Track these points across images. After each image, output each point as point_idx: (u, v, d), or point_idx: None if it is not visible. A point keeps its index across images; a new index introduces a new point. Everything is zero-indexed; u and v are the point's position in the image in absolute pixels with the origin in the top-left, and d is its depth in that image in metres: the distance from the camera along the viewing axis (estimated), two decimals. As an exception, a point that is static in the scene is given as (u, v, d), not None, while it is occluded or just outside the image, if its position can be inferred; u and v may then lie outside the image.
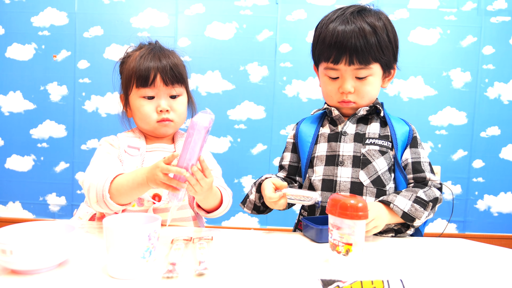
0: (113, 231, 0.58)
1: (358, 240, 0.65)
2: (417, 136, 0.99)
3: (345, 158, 0.95)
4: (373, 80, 0.95)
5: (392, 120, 0.99)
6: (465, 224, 2.38)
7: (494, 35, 2.29)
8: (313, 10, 2.30)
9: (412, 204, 0.86)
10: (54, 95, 2.35)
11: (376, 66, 0.94)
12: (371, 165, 0.93)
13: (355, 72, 0.93)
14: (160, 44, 1.02)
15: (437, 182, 0.94)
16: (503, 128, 2.33)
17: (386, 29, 0.93)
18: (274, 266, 0.67)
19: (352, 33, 0.89)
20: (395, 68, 1.00)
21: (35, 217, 2.41)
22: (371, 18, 0.92)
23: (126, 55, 1.00)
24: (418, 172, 0.94)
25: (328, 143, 0.99)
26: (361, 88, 0.95)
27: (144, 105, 0.94)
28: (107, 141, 0.97)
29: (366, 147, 0.95)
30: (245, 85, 2.33)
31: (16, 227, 0.65)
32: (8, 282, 0.57)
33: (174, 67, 0.94)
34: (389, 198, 0.87)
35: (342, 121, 1.00)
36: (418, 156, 0.96)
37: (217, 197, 0.92)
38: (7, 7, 2.30)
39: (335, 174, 0.95)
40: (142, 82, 0.92)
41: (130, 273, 0.59)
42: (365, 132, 0.97)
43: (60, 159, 2.37)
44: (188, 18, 2.31)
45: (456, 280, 0.63)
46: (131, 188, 0.81)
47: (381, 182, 0.93)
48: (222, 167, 1.10)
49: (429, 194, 0.89)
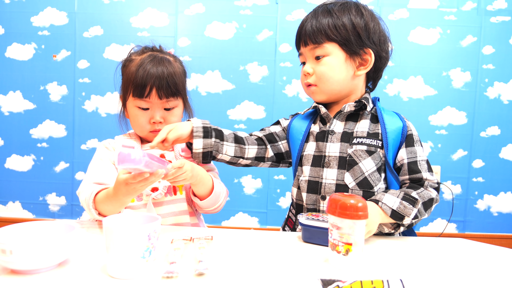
0: (113, 231, 0.58)
1: (358, 240, 0.65)
2: (412, 133, 0.94)
3: (331, 159, 0.94)
4: (329, 60, 0.93)
5: (384, 116, 0.95)
6: (465, 224, 2.38)
7: (494, 35, 2.29)
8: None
9: (401, 202, 0.84)
10: (54, 95, 2.35)
11: (331, 46, 0.93)
12: (357, 167, 0.91)
13: (312, 52, 0.95)
14: (162, 49, 1.04)
15: (434, 181, 0.91)
16: (503, 128, 2.33)
17: (349, 12, 0.93)
18: (274, 266, 0.67)
19: (310, 19, 0.96)
20: (371, 55, 0.94)
21: (35, 217, 2.41)
22: (335, 6, 0.95)
23: (129, 57, 1.01)
24: (414, 173, 0.91)
25: (316, 143, 0.98)
26: (317, 68, 0.95)
27: (139, 115, 0.98)
28: (103, 144, 1.01)
29: (353, 147, 0.92)
30: (245, 85, 2.33)
31: (16, 227, 0.65)
32: (8, 282, 0.57)
33: (171, 78, 0.95)
34: (377, 197, 0.86)
35: (330, 119, 0.98)
36: (414, 155, 0.92)
37: (208, 183, 0.95)
38: (7, 7, 2.30)
39: (321, 175, 0.94)
40: (138, 94, 0.95)
41: (130, 273, 0.59)
42: (353, 130, 0.95)
43: (60, 159, 2.38)
44: (188, 18, 2.31)
45: (456, 280, 0.63)
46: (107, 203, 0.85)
47: (368, 184, 0.91)
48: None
49: (423, 195, 0.87)
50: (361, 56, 0.95)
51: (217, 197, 0.97)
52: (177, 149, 1.05)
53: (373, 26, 0.95)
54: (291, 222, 1.04)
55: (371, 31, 0.94)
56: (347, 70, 0.95)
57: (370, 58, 0.94)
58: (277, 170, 2.29)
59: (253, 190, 2.36)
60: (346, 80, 0.95)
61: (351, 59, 0.94)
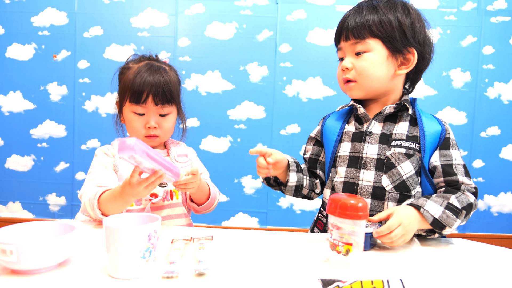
0: (113, 231, 0.58)
1: (358, 240, 0.65)
2: (450, 137, 0.91)
3: (369, 161, 0.91)
4: (370, 56, 0.91)
5: (423, 119, 0.92)
6: (465, 224, 2.38)
7: (494, 35, 2.29)
8: (313, 10, 2.30)
9: (444, 211, 0.79)
10: (54, 95, 2.35)
11: (374, 42, 0.91)
12: (395, 170, 0.88)
13: (353, 47, 0.93)
14: (158, 58, 1.09)
15: (471, 186, 0.87)
16: (503, 128, 2.33)
17: (395, 9, 0.91)
18: (274, 266, 0.67)
19: (353, 14, 0.93)
20: (414, 55, 0.91)
21: (35, 217, 2.41)
22: (381, 3, 0.92)
23: (126, 65, 1.05)
24: (450, 175, 0.87)
25: (352, 143, 0.95)
26: (357, 63, 0.92)
27: (135, 120, 1.01)
28: (102, 150, 1.04)
29: (391, 150, 0.90)
30: (245, 85, 2.33)
31: (16, 227, 0.65)
32: (8, 282, 0.57)
33: (167, 86, 1.00)
34: (419, 202, 0.80)
35: (367, 119, 0.96)
36: (449, 158, 0.88)
37: (206, 191, 1.05)
38: (7, 7, 2.30)
39: (357, 177, 0.92)
40: (135, 99, 0.99)
41: (130, 273, 0.59)
42: (392, 132, 0.92)
43: (60, 159, 2.38)
44: (188, 18, 2.31)
45: (456, 280, 0.63)
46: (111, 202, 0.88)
47: (405, 187, 0.88)
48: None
49: (462, 200, 0.82)
50: (404, 55, 0.92)
51: (213, 201, 1.07)
52: (173, 154, 1.09)
53: (420, 26, 0.92)
54: (321, 224, 1.02)
55: (417, 31, 0.91)
56: (387, 68, 0.92)
57: (413, 57, 0.92)
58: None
59: (253, 190, 2.36)
60: (386, 78, 0.93)
61: (393, 57, 0.92)
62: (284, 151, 0.99)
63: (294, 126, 2.30)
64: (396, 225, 0.77)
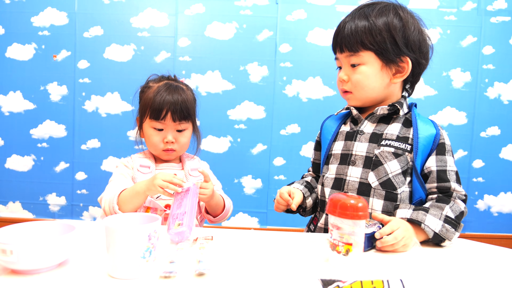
0: (113, 231, 0.58)
1: (358, 240, 0.65)
2: (445, 142, 0.92)
3: (357, 158, 0.94)
4: (365, 69, 0.93)
5: (418, 122, 0.94)
6: (465, 224, 2.37)
7: (494, 35, 2.29)
8: (313, 10, 2.30)
9: (443, 224, 0.81)
10: (54, 95, 2.34)
11: (367, 54, 0.92)
12: (382, 167, 0.91)
13: (348, 59, 0.95)
14: (176, 78, 1.19)
15: (462, 193, 0.89)
16: (503, 128, 2.33)
17: (386, 16, 0.91)
18: (274, 266, 0.67)
19: (348, 22, 0.94)
20: (408, 63, 0.92)
21: (35, 217, 2.41)
22: (373, 11, 0.92)
23: (147, 84, 1.15)
24: (443, 182, 0.89)
25: (345, 142, 0.99)
26: (352, 76, 0.95)
27: (154, 135, 1.10)
28: (122, 162, 1.13)
29: (380, 148, 0.92)
30: (245, 85, 2.33)
31: (16, 227, 0.65)
32: (8, 282, 0.57)
33: (184, 104, 1.09)
34: (418, 217, 0.81)
35: (361, 120, 0.99)
36: (444, 164, 0.90)
37: (221, 203, 1.13)
38: (7, 7, 2.30)
39: (345, 173, 0.95)
40: (155, 116, 1.08)
41: (130, 273, 0.59)
42: (383, 132, 0.94)
43: (60, 159, 2.37)
44: (188, 18, 2.31)
45: (456, 280, 0.63)
46: (131, 196, 0.97)
47: (391, 185, 0.90)
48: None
49: (455, 209, 0.85)
50: (397, 64, 0.93)
51: (227, 212, 1.15)
52: (187, 169, 1.15)
53: (413, 31, 0.92)
54: (316, 220, 1.06)
55: (409, 37, 0.91)
56: (382, 79, 0.94)
57: (407, 66, 0.93)
58: (277, 170, 2.29)
59: (253, 190, 2.36)
60: (381, 88, 0.95)
61: (387, 67, 0.93)
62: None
63: (294, 126, 2.30)
64: (397, 227, 0.77)
